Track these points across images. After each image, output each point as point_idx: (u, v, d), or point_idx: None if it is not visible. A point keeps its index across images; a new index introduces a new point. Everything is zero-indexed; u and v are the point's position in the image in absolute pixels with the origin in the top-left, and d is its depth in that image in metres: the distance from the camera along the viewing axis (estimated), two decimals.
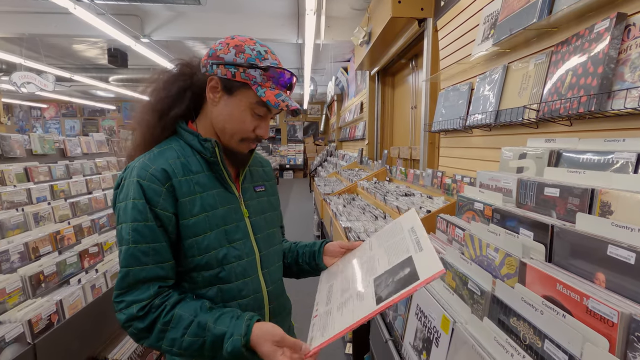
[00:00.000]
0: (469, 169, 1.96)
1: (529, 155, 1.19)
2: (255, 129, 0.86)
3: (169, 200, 0.79)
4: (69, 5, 3.58)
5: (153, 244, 0.77)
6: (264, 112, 0.86)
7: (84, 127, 13.50)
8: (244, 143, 0.88)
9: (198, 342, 0.74)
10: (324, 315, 0.78)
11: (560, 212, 0.89)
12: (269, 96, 0.81)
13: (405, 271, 0.69)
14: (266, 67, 0.82)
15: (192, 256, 0.82)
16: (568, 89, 1.13)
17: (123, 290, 0.76)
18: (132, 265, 0.76)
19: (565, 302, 0.67)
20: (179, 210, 0.81)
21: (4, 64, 6.95)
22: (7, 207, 1.82)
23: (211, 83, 0.84)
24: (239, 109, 0.84)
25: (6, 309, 1.41)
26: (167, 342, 0.75)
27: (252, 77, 0.82)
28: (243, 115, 0.84)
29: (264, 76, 0.82)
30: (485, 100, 1.65)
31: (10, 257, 1.58)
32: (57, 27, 5.25)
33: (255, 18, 5.26)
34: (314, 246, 1.05)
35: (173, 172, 0.81)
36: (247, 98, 0.83)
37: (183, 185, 0.82)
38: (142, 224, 0.77)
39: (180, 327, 0.75)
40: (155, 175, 0.79)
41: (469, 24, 1.94)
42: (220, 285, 0.84)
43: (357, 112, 5.95)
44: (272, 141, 14.31)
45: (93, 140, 2.96)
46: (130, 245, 0.76)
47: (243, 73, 0.82)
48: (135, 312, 0.74)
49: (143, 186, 0.78)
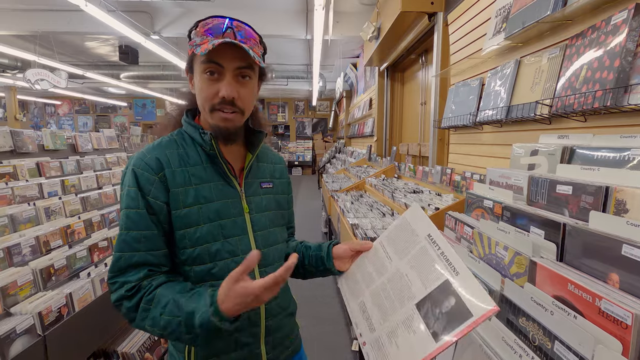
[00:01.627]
0: (479, 166, 1.93)
1: (541, 152, 1.16)
2: (218, 92, 0.80)
3: (161, 189, 0.80)
4: (80, 2, 3.62)
5: (145, 232, 0.78)
6: (215, 68, 0.79)
7: (96, 124, 13.70)
8: (215, 113, 0.82)
9: (174, 322, 0.72)
10: (375, 344, 0.74)
11: (573, 211, 0.86)
12: (202, 49, 0.76)
13: (450, 301, 0.64)
14: (195, 24, 0.81)
15: (184, 247, 0.81)
16: (583, 83, 1.09)
17: (115, 273, 0.77)
18: (125, 251, 0.77)
19: (576, 303, 0.65)
20: (170, 200, 0.81)
21: (18, 61, 7.08)
22: (19, 202, 1.85)
23: (187, 74, 0.88)
24: (197, 80, 0.83)
25: (17, 301, 1.43)
26: (149, 322, 0.74)
27: (193, 42, 0.81)
28: (201, 84, 0.81)
29: (202, 35, 0.80)
30: (497, 96, 1.61)
31: (22, 250, 1.61)
32: (69, 25, 5.32)
33: (263, 14, 5.25)
34: (320, 250, 0.99)
35: (167, 162, 0.82)
36: (197, 64, 0.82)
37: (177, 176, 0.82)
38: (134, 211, 0.78)
39: (159, 305, 0.74)
40: (149, 164, 0.81)
41: (480, 18, 1.90)
42: (212, 281, 0.82)
43: (366, 108, 5.91)
44: (280, 138, 14.33)
45: (103, 136, 3.00)
46: (123, 231, 0.78)
47: (189, 44, 0.83)
48: (124, 292, 0.75)
49: (137, 174, 0.80)
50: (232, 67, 0.80)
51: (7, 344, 1.23)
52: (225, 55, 0.79)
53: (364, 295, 0.84)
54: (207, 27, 0.80)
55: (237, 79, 0.81)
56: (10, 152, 2.02)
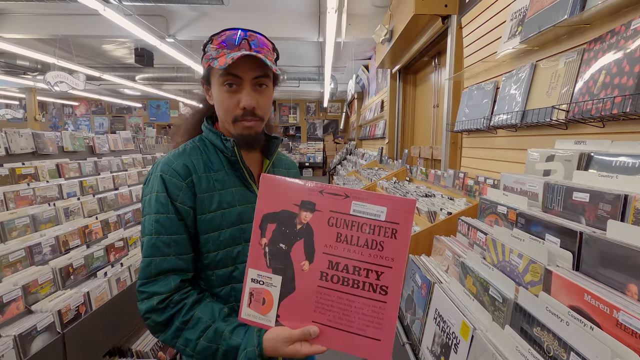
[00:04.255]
0: (493, 171, 1.90)
1: (557, 158, 1.14)
2: (238, 103, 0.83)
3: (189, 194, 0.82)
4: (99, 7, 3.71)
5: (174, 236, 0.80)
6: (233, 80, 0.82)
7: (112, 124, 14.00)
8: (238, 124, 0.85)
9: (212, 349, 0.75)
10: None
11: (590, 219, 0.85)
12: (220, 62, 0.79)
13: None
14: (210, 39, 0.84)
15: (208, 252, 0.84)
16: (601, 88, 1.07)
17: (145, 280, 0.79)
18: (155, 255, 0.78)
19: (593, 314, 0.64)
20: (197, 205, 0.83)
21: (38, 63, 7.29)
22: (39, 202, 1.91)
23: (203, 86, 0.91)
24: (216, 93, 0.85)
25: (38, 299, 1.48)
26: (182, 341, 0.76)
27: (209, 56, 0.84)
28: (220, 95, 0.84)
29: (218, 48, 0.82)
30: (511, 100, 1.59)
31: (43, 249, 1.66)
32: (88, 28, 5.46)
33: (276, 17, 5.29)
34: None
35: (194, 168, 0.84)
36: (215, 77, 0.85)
37: (203, 182, 0.84)
38: (164, 216, 0.80)
39: (198, 329, 0.76)
40: (177, 170, 0.83)
41: (494, 21, 1.88)
42: (233, 284, 0.85)
43: (378, 110, 5.89)
44: (292, 139, 14.38)
45: (120, 137, 3.07)
46: (152, 236, 0.79)
47: (205, 58, 0.85)
48: (155, 304, 0.76)
49: (165, 180, 0.82)
50: (250, 77, 0.83)
51: (28, 340, 1.28)
52: (242, 67, 0.81)
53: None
54: (221, 39, 0.82)
55: (254, 88, 0.84)
56: (32, 153, 2.08)
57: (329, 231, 0.68)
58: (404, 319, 1.26)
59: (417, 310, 1.16)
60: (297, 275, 0.69)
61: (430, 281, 1.09)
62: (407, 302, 1.28)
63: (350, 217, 0.68)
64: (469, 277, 0.98)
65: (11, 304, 1.35)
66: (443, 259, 1.31)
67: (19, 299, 1.39)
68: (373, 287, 0.67)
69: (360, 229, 0.67)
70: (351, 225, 0.68)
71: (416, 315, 1.16)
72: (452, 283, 1.04)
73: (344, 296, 0.68)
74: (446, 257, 1.28)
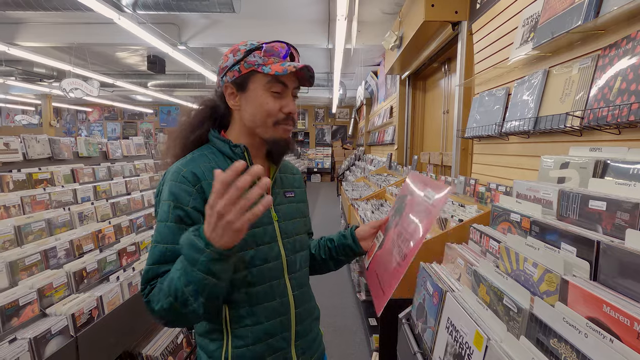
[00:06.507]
0: (505, 177, 1.88)
1: (571, 165, 1.13)
2: (282, 108, 0.88)
3: (199, 200, 0.83)
4: (114, 15, 3.81)
5: (175, 246, 0.80)
6: (281, 88, 0.87)
7: (124, 130, 14.27)
8: (279, 127, 0.89)
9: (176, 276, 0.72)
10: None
11: (607, 228, 0.83)
12: (275, 68, 0.84)
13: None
14: (259, 46, 0.86)
15: None
16: (617, 95, 1.06)
17: (145, 285, 0.80)
18: (155, 263, 0.80)
19: (612, 326, 0.62)
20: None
21: (54, 71, 7.49)
22: (55, 206, 1.95)
23: (227, 91, 0.90)
24: (257, 97, 0.87)
25: (52, 302, 1.50)
26: (161, 296, 0.73)
27: (253, 62, 0.86)
28: (263, 99, 0.87)
29: (264, 56, 0.86)
30: (524, 106, 1.58)
31: (57, 253, 1.69)
32: (102, 36, 5.59)
33: (286, 24, 5.35)
34: (345, 239, 1.08)
35: (203, 174, 0.85)
36: (259, 82, 0.87)
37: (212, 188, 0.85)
38: (168, 224, 0.81)
39: (165, 280, 0.74)
40: (187, 177, 0.84)
41: (506, 27, 1.88)
42: (247, 288, 0.86)
43: (387, 116, 5.89)
44: (300, 144, 14.44)
45: (132, 143, 3.12)
46: (153, 244, 0.81)
47: (245, 64, 0.86)
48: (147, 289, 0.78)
49: (174, 187, 0.83)
50: (293, 86, 0.90)
51: (42, 343, 1.30)
52: (289, 76, 0.87)
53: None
54: (271, 49, 0.86)
55: (292, 97, 0.91)
56: (48, 159, 2.13)
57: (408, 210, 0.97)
58: (415, 327, 1.25)
59: (428, 318, 1.15)
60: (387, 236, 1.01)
61: (442, 289, 1.08)
62: (419, 310, 1.26)
63: (421, 199, 0.93)
64: (482, 286, 0.97)
65: (27, 307, 1.37)
66: (455, 267, 1.29)
67: (34, 302, 1.41)
68: (401, 251, 0.88)
69: (418, 207, 0.92)
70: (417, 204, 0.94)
71: (427, 323, 1.14)
72: (464, 291, 1.02)
73: (390, 254, 0.94)
74: (458, 265, 1.27)
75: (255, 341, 0.86)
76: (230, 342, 0.86)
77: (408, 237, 0.89)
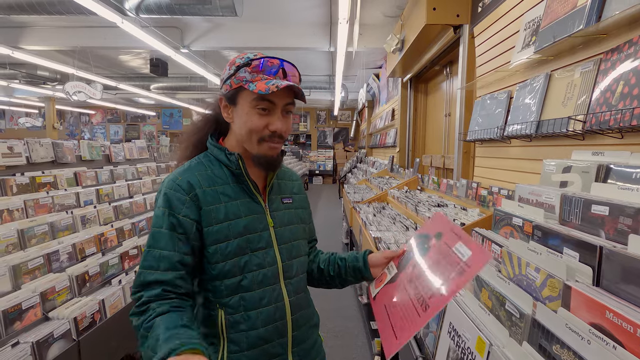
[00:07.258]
0: (507, 181, 1.88)
1: (574, 169, 1.12)
2: (267, 126, 0.87)
3: (192, 208, 0.84)
4: (117, 19, 3.83)
5: (166, 252, 0.81)
6: (267, 105, 0.86)
7: (126, 132, 14.32)
8: (263, 144, 0.88)
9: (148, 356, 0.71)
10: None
11: (610, 232, 0.83)
12: (259, 87, 0.83)
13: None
14: (248, 62, 0.85)
15: (216, 262, 0.85)
16: (619, 99, 1.06)
17: (136, 289, 0.80)
18: (147, 268, 0.80)
19: (615, 332, 0.62)
20: (203, 218, 0.85)
21: (58, 74, 7.54)
22: (58, 210, 1.95)
23: (222, 103, 0.92)
24: (244, 113, 0.87)
25: (55, 306, 1.51)
26: (143, 350, 0.72)
27: (242, 78, 0.86)
28: (249, 117, 0.87)
29: (253, 72, 0.85)
30: (526, 110, 1.58)
31: (60, 257, 1.70)
32: (105, 40, 5.63)
33: (288, 27, 5.37)
34: (357, 261, 1.04)
35: (198, 182, 0.87)
36: (246, 99, 0.87)
37: (208, 195, 0.87)
38: (162, 231, 0.82)
39: (151, 338, 0.71)
40: (181, 186, 0.86)
41: (508, 31, 1.88)
42: (242, 293, 0.86)
43: (389, 119, 5.89)
44: (302, 147, 14.46)
45: (135, 146, 3.13)
46: (148, 249, 0.82)
47: (235, 79, 0.86)
48: (135, 307, 0.78)
49: (169, 195, 0.85)
50: (282, 103, 0.88)
51: (45, 347, 1.30)
52: (277, 94, 0.85)
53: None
54: (262, 65, 0.85)
55: (283, 114, 0.89)
56: (52, 162, 2.14)
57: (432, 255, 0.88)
58: (417, 332, 1.24)
59: (430, 323, 1.14)
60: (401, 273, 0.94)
61: None
62: None
63: (449, 250, 0.84)
64: (484, 291, 0.97)
65: (29, 311, 1.38)
66: None
67: (37, 305, 1.42)
68: (423, 300, 0.80)
69: (446, 258, 0.83)
70: (444, 254, 0.84)
71: (429, 328, 1.14)
72: (466, 296, 1.02)
73: (406, 295, 0.87)
74: None
75: (251, 346, 0.86)
76: (226, 347, 0.86)
77: (432, 287, 0.81)
